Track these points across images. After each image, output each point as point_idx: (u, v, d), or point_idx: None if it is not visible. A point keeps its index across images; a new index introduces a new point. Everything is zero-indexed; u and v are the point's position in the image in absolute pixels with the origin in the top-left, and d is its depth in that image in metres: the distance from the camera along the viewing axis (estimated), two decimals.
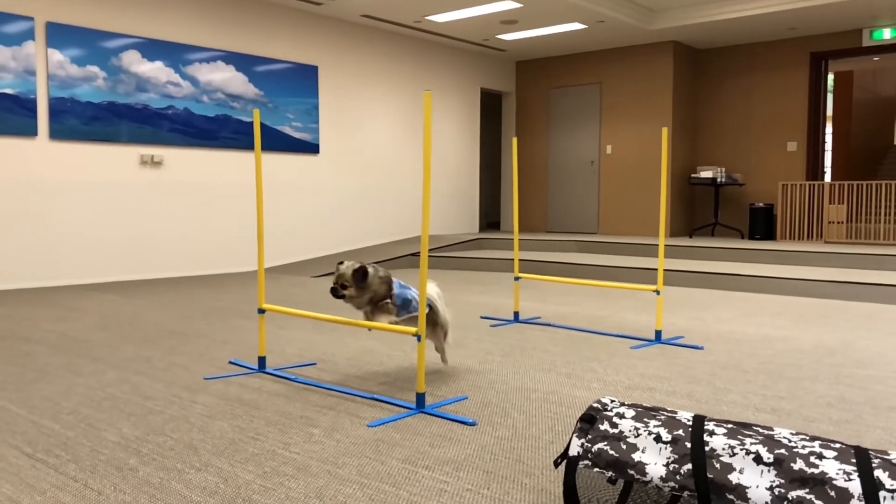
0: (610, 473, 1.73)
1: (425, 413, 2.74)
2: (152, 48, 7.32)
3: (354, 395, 3.01)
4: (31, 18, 6.52)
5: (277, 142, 8.36)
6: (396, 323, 3.03)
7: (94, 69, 6.94)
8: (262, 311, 3.44)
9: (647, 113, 10.24)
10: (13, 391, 3.07)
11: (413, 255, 8.71)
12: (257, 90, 8.16)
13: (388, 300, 3.03)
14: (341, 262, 3.03)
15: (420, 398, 2.78)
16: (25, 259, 6.56)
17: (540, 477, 2.14)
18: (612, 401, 1.89)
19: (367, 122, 9.36)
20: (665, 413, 1.81)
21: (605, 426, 1.79)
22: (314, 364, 3.56)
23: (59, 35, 6.69)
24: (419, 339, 2.77)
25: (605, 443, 1.76)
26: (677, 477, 1.65)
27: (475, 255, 8.60)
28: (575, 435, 1.80)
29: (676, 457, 1.66)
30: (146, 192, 7.32)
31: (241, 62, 8.02)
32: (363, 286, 2.96)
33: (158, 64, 7.37)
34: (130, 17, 7.16)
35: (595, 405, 1.85)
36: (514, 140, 4.65)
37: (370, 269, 2.99)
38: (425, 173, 2.71)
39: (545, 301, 5.84)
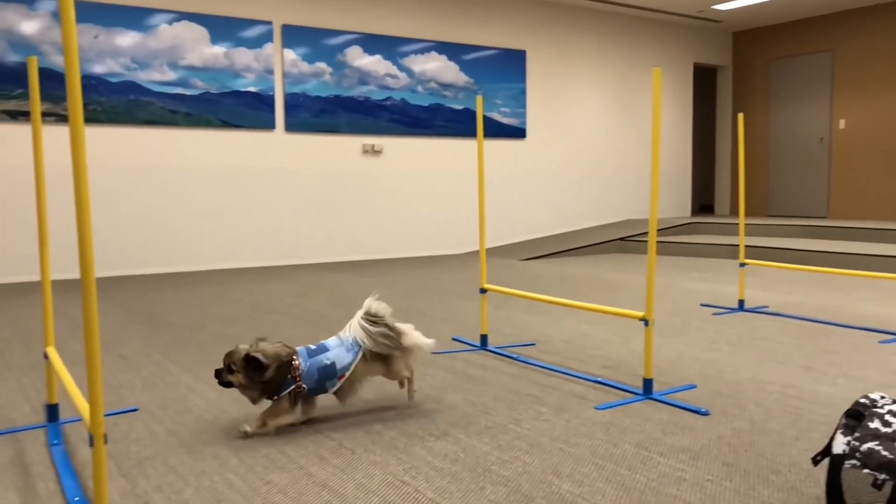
0: (883, 476, 1.58)
1: (653, 399, 2.68)
2: (371, 42, 7.77)
3: (577, 376, 3.01)
4: (270, 22, 7.19)
5: (486, 128, 8.54)
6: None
7: (322, 65, 7.51)
8: (483, 290, 3.55)
9: (892, 81, 9.11)
10: None
11: (622, 239, 8.50)
12: (467, 78, 8.38)
13: (293, 385, 2.32)
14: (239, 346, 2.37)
15: (647, 384, 2.71)
16: (264, 240, 7.31)
17: (788, 475, 2.00)
18: (882, 397, 1.72)
19: (573, 104, 9.26)
20: None
21: (875, 424, 1.63)
22: (533, 344, 3.61)
23: (292, 36, 7.33)
24: (647, 323, 2.70)
25: (877, 442, 1.60)
26: None
27: (689, 241, 8.22)
28: (839, 431, 1.66)
29: None
30: (368, 178, 7.82)
31: (452, 51, 8.27)
32: (256, 377, 2.29)
33: (377, 57, 7.82)
34: (352, 14, 7.65)
35: (862, 400, 1.70)
36: (741, 116, 4.36)
37: (266, 360, 2.28)
38: (654, 156, 2.63)
39: (771, 289, 5.44)
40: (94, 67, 6.42)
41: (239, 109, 7.09)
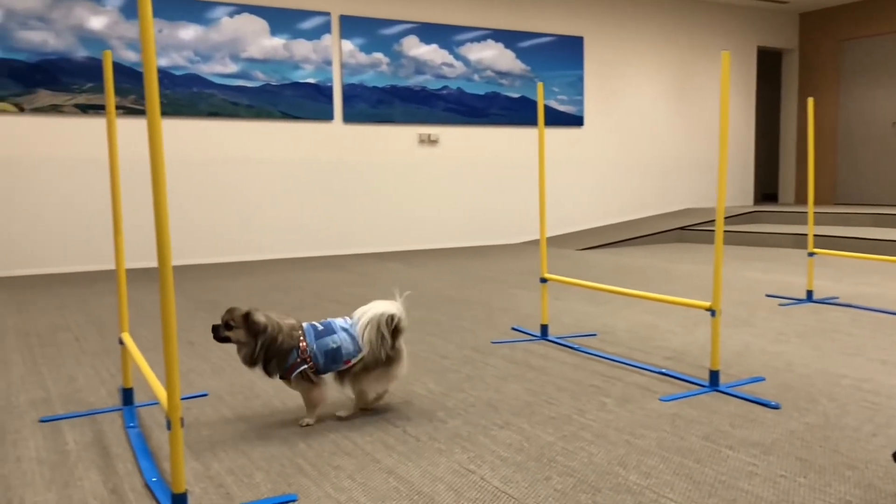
0: None
1: (720, 392, 2.62)
2: (427, 32, 7.77)
3: (640, 367, 2.96)
4: (328, 13, 7.26)
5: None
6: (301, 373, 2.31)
7: (379, 55, 7.55)
8: (544, 280, 3.53)
9: None
10: None
11: (682, 228, 8.33)
12: (524, 65, 8.31)
13: (304, 366, 2.31)
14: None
15: (714, 376, 2.66)
16: (323, 229, 7.41)
17: (865, 471, 1.93)
18: None
19: (631, 91, 9.09)
20: None
21: None
22: (595, 335, 3.58)
23: (349, 26, 7.38)
24: (713, 313, 2.64)
25: None
26: None
27: (752, 230, 8.00)
28: None
29: None
30: (424, 168, 7.85)
31: (508, 38, 8.20)
32: (254, 333, 2.28)
33: (433, 46, 7.81)
34: (408, 3, 7.66)
35: None
36: (810, 101, 4.21)
37: (264, 319, 2.30)
38: (721, 143, 2.56)
39: (840, 280, 5.26)
40: (159, 61, 6.59)
41: (298, 101, 7.19)
